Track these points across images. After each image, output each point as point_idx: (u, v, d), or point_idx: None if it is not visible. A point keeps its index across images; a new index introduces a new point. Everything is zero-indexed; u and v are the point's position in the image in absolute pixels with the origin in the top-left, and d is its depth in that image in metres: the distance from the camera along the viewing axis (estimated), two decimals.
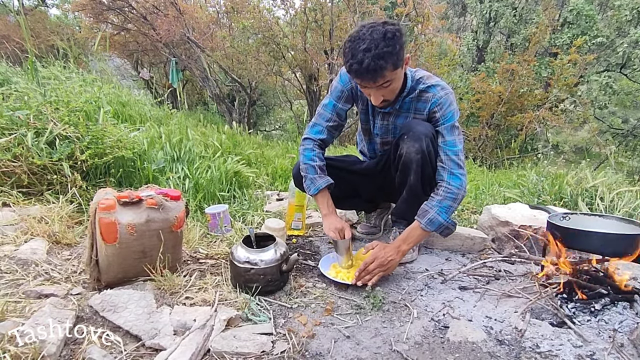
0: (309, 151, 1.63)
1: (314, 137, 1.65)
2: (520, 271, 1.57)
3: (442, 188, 1.46)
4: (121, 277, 1.30)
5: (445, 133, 1.49)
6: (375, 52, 1.26)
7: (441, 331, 1.18)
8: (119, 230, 1.24)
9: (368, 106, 1.64)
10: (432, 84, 1.51)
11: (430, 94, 1.50)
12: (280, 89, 8.51)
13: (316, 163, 1.61)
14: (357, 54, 1.28)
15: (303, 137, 1.69)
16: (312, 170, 1.60)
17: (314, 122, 1.68)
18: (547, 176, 2.52)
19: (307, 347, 1.08)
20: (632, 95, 8.71)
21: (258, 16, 6.33)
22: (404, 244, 1.46)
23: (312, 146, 1.64)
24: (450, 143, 1.48)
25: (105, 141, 1.96)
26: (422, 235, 1.49)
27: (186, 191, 2.06)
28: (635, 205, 2.04)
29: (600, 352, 1.07)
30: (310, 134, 1.66)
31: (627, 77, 8.19)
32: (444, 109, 1.49)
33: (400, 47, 1.30)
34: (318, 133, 1.65)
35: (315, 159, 1.61)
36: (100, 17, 7.91)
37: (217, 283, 1.37)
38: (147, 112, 3.31)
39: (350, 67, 1.31)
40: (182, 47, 7.95)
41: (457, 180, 1.46)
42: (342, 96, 1.63)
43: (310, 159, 1.61)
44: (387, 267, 1.41)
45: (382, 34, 1.27)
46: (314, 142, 1.65)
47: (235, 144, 3.21)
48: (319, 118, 1.66)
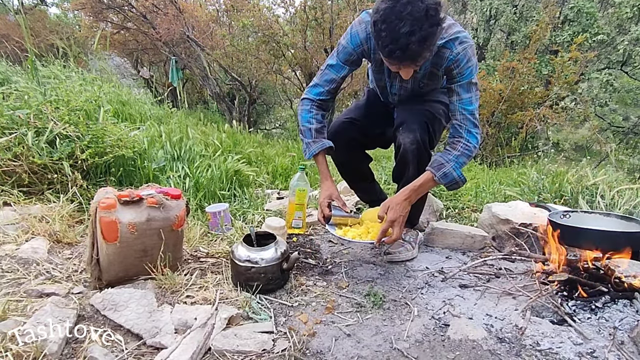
0: (306, 112, 1.56)
1: (314, 98, 1.57)
2: (521, 269, 1.57)
3: (460, 144, 1.43)
4: (122, 276, 1.30)
5: (460, 91, 1.42)
6: (420, 35, 1.13)
7: (442, 329, 1.18)
8: (119, 229, 1.24)
9: (384, 67, 1.54)
10: (451, 38, 1.37)
11: (448, 51, 1.39)
12: (280, 87, 8.50)
13: (313, 126, 1.54)
14: (400, 38, 1.14)
15: (302, 98, 1.61)
16: (309, 133, 1.54)
17: (315, 82, 1.59)
18: (547, 174, 2.52)
19: (308, 345, 1.09)
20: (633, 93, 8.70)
21: (258, 14, 6.32)
22: (414, 195, 1.42)
23: (310, 107, 1.57)
24: (466, 101, 1.42)
25: (105, 140, 1.96)
26: (432, 187, 1.47)
27: (187, 190, 2.06)
28: (636, 203, 2.03)
29: (600, 349, 1.08)
30: (310, 94, 1.58)
31: (628, 74, 8.18)
32: (461, 67, 1.39)
33: (440, 23, 1.18)
34: (319, 94, 1.57)
35: (312, 120, 1.55)
36: (99, 16, 7.91)
37: (218, 282, 1.37)
38: (147, 111, 3.31)
39: (391, 53, 1.19)
40: (182, 45, 7.94)
41: (474, 138, 1.43)
42: (350, 59, 1.53)
43: (307, 120, 1.55)
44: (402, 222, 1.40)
45: (424, 12, 1.12)
46: (313, 103, 1.57)
47: (235, 143, 3.21)
48: (322, 78, 1.57)
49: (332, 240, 1.84)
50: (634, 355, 1.05)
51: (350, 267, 1.58)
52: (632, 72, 8.11)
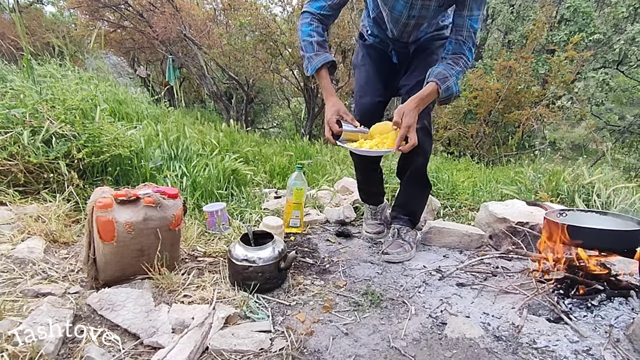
0: (306, 26, 1.51)
1: (314, 12, 1.52)
2: (518, 268, 1.58)
3: (462, 60, 1.45)
4: (119, 276, 1.29)
5: (474, 6, 1.41)
6: None
7: (439, 328, 1.18)
8: (116, 229, 1.23)
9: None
10: None
11: None
12: (277, 86, 8.49)
13: (314, 39, 1.49)
14: None
15: (302, 11, 1.55)
16: (310, 47, 1.50)
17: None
18: (544, 173, 2.53)
19: (306, 344, 1.09)
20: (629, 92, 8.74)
21: (255, 13, 6.30)
22: (422, 104, 1.42)
23: (311, 19, 1.51)
24: (475, 18, 1.43)
25: (102, 139, 1.95)
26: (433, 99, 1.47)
27: (184, 189, 2.06)
28: (632, 201, 2.05)
29: (596, 347, 1.08)
30: (310, 8, 1.52)
31: (624, 73, 8.22)
32: None
33: None
34: (320, 8, 1.51)
35: (313, 34, 1.49)
36: (96, 15, 7.86)
37: (215, 281, 1.37)
38: (144, 110, 3.31)
39: None
40: (179, 44, 7.91)
41: (472, 56, 1.48)
42: None
43: (308, 34, 1.50)
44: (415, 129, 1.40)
45: None
46: (313, 16, 1.52)
47: (232, 142, 3.21)
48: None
49: (329, 239, 1.84)
50: (630, 352, 1.06)
51: (347, 265, 1.58)
52: (628, 72, 8.16)
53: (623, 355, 1.05)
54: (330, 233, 1.92)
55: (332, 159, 3.49)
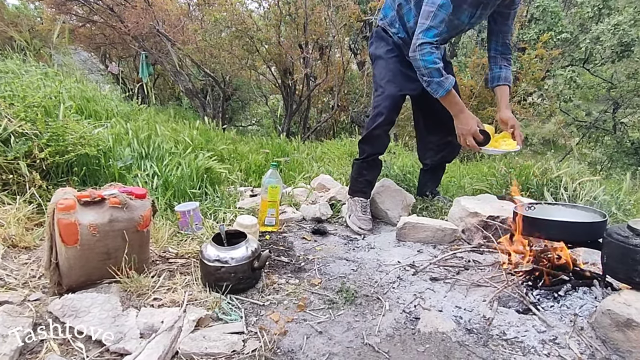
0: (428, 55, 1.62)
1: (432, 40, 1.61)
2: (489, 261, 1.61)
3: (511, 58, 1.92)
4: (84, 280, 1.24)
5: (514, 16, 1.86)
6: None
7: (412, 322, 1.19)
8: (80, 232, 1.18)
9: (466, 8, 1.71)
10: None
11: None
12: (255, 83, 8.38)
13: (439, 65, 1.63)
14: None
15: (418, 44, 1.63)
16: (437, 73, 1.64)
17: (428, 25, 1.62)
18: (515, 167, 2.60)
19: (279, 344, 1.07)
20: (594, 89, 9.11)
21: (230, 9, 6.18)
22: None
23: (430, 48, 1.61)
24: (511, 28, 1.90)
25: (66, 138, 1.86)
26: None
27: (155, 189, 2.00)
28: (596, 194, 2.13)
29: (562, 336, 1.12)
30: (426, 38, 1.62)
31: (590, 71, 8.55)
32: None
33: None
34: (435, 35, 1.62)
35: (437, 60, 1.62)
36: (62, 8, 7.52)
37: (187, 283, 1.33)
38: (114, 108, 3.19)
39: None
40: (152, 40, 7.66)
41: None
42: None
43: (433, 62, 1.62)
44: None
45: None
46: (432, 45, 1.62)
47: (207, 140, 3.14)
48: (434, 20, 1.61)
49: (305, 237, 1.83)
50: (593, 339, 1.10)
51: (323, 263, 1.57)
52: (593, 70, 8.49)
53: (586, 342, 1.09)
54: (306, 231, 1.91)
55: (309, 156, 3.48)
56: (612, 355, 1.04)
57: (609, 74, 8.81)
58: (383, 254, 1.69)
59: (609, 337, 1.07)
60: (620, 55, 7.11)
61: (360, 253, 1.70)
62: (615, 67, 8.24)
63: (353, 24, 6.34)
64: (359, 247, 1.76)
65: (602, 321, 1.09)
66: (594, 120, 8.84)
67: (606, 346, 1.07)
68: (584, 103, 10.07)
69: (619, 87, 8.37)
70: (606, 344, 1.07)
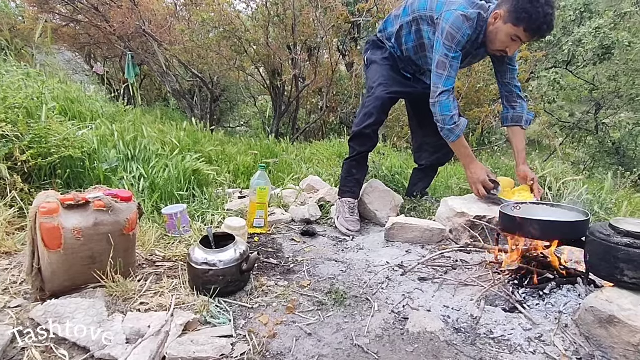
0: (448, 102, 1.79)
1: (450, 89, 1.79)
2: (476, 260, 1.63)
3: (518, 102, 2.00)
4: (68, 286, 1.21)
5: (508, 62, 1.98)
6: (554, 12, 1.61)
7: (401, 323, 1.20)
8: (63, 236, 1.16)
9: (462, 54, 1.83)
10: None
11: None
12: (243, 84, 8.33)
13: (456, 112, 1.80)
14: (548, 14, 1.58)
15: (440, 92, 1.79)
16: (450, 120, 1.80)
17: (448, 75, 1.77)
18: (501, 167, 2.64)
19: (268, 347, 1.07)
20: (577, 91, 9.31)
21: (218, 9, 6.14)
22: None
23: (449, 96, 1.79)
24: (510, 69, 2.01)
25: (49, 140, 1.82)
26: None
27: (141, 191, 1.97)
28: (579, 193, 2.18)
29: (547, 333, 1.14)
30: (448, 86, 1.78)
31: (573, 73, 8.73)
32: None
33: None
34: (452, 84, 1.79)
35: (452, 109, 1.80)
36: (45, 7, 7.36)
37: (175, 286, 1.32)
38: (99, 109, 3.13)
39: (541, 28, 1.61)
40: (139, 40, 7.55)
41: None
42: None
43: (449, 109, 1.79)
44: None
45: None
46: (450, 93, 1.79)
47: (195, 141, 3.11)
48: (452, 70, 1.77)
49: (294, 239, 1.83)
50: (577, 336, 1.12)
51: (312, 265, 1.57)
52: (576, 71, 8.68)
53: (571, 339, 1.11)
54: (295, 232, 1.91)
55: (298, 157, 3.47)
56: (595, 351, 1.07)
57: (591, 76, 9.02)
58: (372, 254, 1.69)
59: (592, 333, 1.09)
60: (602, 58, 7.28)
61: (349, 254, 1.70)
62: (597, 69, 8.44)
63: (341, 25, 6.36)
64: (348, 248, 1.77)
65: (585, 318, 1.11)
66: (577, 121, 9.04)
67: (590, 343, 1.09)
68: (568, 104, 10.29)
69: (601, 88, 8.58)
70: (590, 340, 1.10)
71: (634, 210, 2.49)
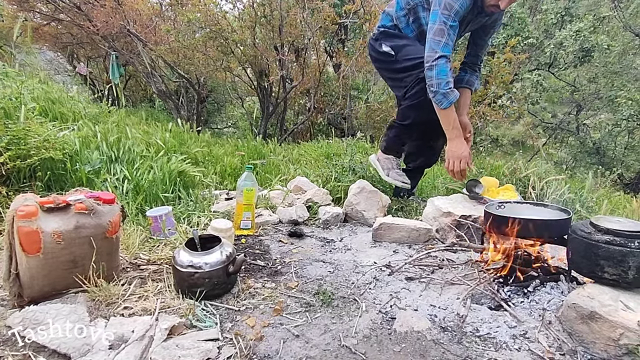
0: (444, 67, 1.77)
1: (448, 55, 1.77)
2: (462, 259, 1.65)
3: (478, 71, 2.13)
4: (48, 291, 1.18)
5: (490, 35, 2.06)
6: None
7: (388, 323, 1.20)
8: (42, 240, 1.12)
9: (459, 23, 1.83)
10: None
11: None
12: (230, 85, 8.26)
13: (450, 79, 1.78)
14: None
15: (438, 55, 1.76)
16: (446, 85, 1.77)
17: (445, 42, 1.76)
18: (486, 167, 2.68)
19: (255, 350, 1.05)
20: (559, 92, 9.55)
21: (204, 9, 6.08)
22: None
23: (446, 62, 1.77)
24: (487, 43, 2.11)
25: (28, 141, 1.78)
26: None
27: (125, 193, 1.93)
28: (561, 192, 2.22)
29: (531, 330, 1.15)
30: (445, 51, 1.77)
31: (554, 75, 8.95)
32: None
33: None
34: (449, 52, 1.78)
35: (449, 74, 1.78)
36: (25, 5, 7.17)
37: (160, 290, 1.29)
38: (81, 110, 3.06)
39: None
40: (123, 40, 7.42)
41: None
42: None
43: (446, 73, 1.77)
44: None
45: None
46: (447, 59, 1.78)
47: (181, 143, 3.06)
48: (449, 38, 1.77)
49: (282, 240, 1.81)
50: (560, 332, 1.14)
51: (299, 266, 1.56)
52: (557, 73, 8.89)
53: (554, 335, 1.13)
54: (282, 234, 1.90)
55: (285, 158, 3.46)
56: (577, 346, 1.09)
57: (572, 77, 9.26)
58: (359, 255, 1.70)
59: (574, 329, 1.11)
60: (582, 60, 7.48)
61: (336, 255, 1.70)
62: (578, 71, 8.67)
63: (328, 26, 6.37)
64: (336, 249, 1.77)
65: (568, 314, 1.13)
66: (559, 122, 9.25)
67: (572, 338, 1.11)
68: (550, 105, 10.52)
69: (581, 90, 8.81)
70: (572, 336, 1.12)
71: (614, 208, 2.56)
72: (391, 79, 2.21)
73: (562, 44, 7.34)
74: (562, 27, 7.75)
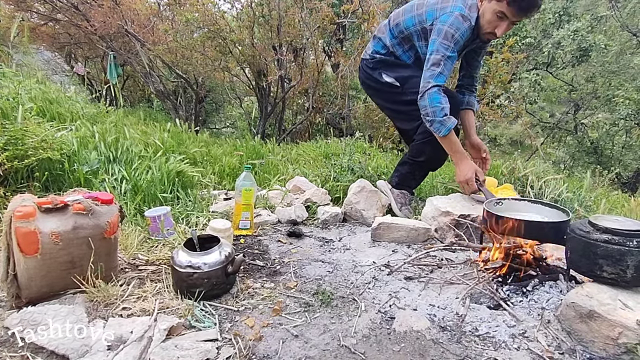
0: (437, 94, 1.80)
1: (441, 84, 1.81)
2: (461, 259, 1.65)
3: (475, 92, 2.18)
4: (46, 292, 1.18)
5: (482, 55, 2.11)
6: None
7: (388, 322, 1.20)
8: (40, 240, 1.12)
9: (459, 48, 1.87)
10: None
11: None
12: (228, 85, 8.25)
13: (445, 106, 1.80)
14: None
15: (430, 86, 1.81)
16: (441, 112, 1.80)
17: (440, 72, 1.80)
18: None
19: (254, 350, 1.05)
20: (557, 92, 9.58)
21: (202, 9, 6.07)
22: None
23: (438, 90, 1.80)
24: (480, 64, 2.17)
25: (26, 142, 1.77)
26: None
27: (124, 194, 1.92)
28: (560, 191, 2.23)
29: (530, 329, 1.16)
30: (439, 82, 1.80)
31: (552, 75, 8.97)
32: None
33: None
34: (443, 82, 1.82)
35: (443, 101, 1.80)
36: (22, 5, 7.14)
37: (158, 290, 1.29)
38: (79, 110, 3.05)
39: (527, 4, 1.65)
40: (121, 40, 7.40)
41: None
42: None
43: (439, 101, 1.80)
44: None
45: None
46: (440, 89, 1.81)
47: (179, 143, 3.06)
48: (445, 68, 1.80)
49: (280, 240, 1.81)
50: (559, 332, 1.14)
51: (298, 266, 1.56)
52: (555, 73, 8.91)
53: (553, 335, 1.13)
54: (281, 234, 1.90)
55: (284, 158, 3.46)
56: (576, 345, 1.09)
57: (570, 77, 9.28)
58: (358, 254, 1.70)
59: (573, 328, 1.12)
60: (580, 60, 7.50)
61: (336, 254, 1.70)
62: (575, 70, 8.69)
63: (327, 26, 6.36)
64: (335, 249, 1.76)
65: (567, 314, 1.13)
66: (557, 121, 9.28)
67: (571, 337, 1.12)
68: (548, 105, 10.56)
69: (579, 89, 8.83)
70: (571, 335, 1.12)
71: (612, 207, 2.56)
72: (394, 111, 2.20)
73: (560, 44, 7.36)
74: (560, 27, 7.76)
